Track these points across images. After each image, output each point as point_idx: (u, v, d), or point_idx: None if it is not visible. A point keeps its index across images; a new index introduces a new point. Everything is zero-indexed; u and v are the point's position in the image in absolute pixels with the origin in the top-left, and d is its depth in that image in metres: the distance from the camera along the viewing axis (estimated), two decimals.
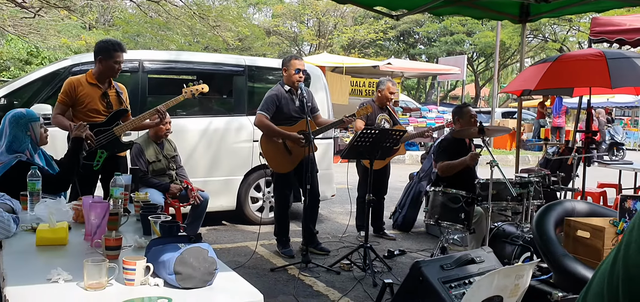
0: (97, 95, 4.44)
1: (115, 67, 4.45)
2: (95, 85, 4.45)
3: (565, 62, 4.98)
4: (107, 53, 4.40)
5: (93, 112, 4.39)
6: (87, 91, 4.41)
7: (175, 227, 2.42)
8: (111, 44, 4.47)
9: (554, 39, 27.40)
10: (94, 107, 4.41)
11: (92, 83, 4.44)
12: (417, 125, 14.69)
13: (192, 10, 12.64)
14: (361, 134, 4.75)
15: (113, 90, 4.56)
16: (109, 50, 4.40)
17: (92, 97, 4.41)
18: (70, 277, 2.01)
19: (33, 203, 3.04)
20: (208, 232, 6.25)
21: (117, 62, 4.44)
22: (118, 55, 4.43)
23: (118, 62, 4.45)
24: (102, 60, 4.42)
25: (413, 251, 5.81)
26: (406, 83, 32.45)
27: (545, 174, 4.80)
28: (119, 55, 4.44)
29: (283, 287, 4.52)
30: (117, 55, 4.42)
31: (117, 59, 4.43)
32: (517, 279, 2.40)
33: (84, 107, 4.36)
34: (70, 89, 4.38)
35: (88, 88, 4.42)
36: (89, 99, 4.40)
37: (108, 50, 4.40)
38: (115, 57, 4.41)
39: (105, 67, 4.43)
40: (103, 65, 4.43)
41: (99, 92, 4.45)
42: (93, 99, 4.42)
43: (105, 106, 4.46)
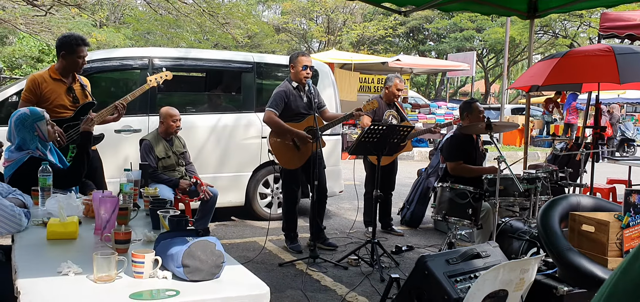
0: (62, 90, 4.37)
1: (79, 62, 4.39)
2: (59, 80, 4.38)
3: (573, 57, 4.95)
4: (69, 48, 4.34)
5: (59, 108, 4.31)
6: (51, 87, 4.33)
7: (183, 222, 2.44)
8: (74, 38, 4.39)
9: (565, 35, 27.20)
10: (60, 103, 4.33)
11: (56, 78, 4.37)
12: (426, 121, 14.66)
13: (201, 7, 12.68)
14: (368, 130, 4.76)
15: (77, 84, 4.49)
16: (71, 45, 4.34)
17: (58, 93, 4.34)
18: (80, 270, 2.04)
19: (44, 198, 3.07)
20: (217, 227, 6.30)
21: (80, 57, 4.38)
22: (81, 50, 4.37)
23: (81, 56, 4.38)
24: (65, 55, 4.35)
25: (421, 247, 5.81)
26: (415, 79, 32.38)
27: (553, 170, 4.79)
28: (82, 49, 4.38)
29: (291, 281, 4.55)
30: (80, 50, 4.36)
31: (80, 53, 4.37)
32: (522, 273, 2.41)
33: (49, 103, 4.27)
34: (34, 86, 4.30)
35: (52, 84, 4.35)
36: (55, 95, 4.33)
37: (71, 45, 4.34)
38: (78, 51, 4.36)
39: (69, 62, 4.38)
40: (66, 60, 4.37)
41: (64, 87, 4.38)
42: (59, 95, 4.34)
43: (71, 101, 4.39)
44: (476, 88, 37.20)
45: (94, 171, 4.42)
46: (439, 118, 15.07)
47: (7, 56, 22.08)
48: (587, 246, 2.32)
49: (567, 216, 2.41)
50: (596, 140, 5.59)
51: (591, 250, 2.29)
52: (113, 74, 6.18)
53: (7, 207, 2.55)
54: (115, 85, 6.33)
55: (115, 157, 5.66)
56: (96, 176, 4.40)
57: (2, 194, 2.82)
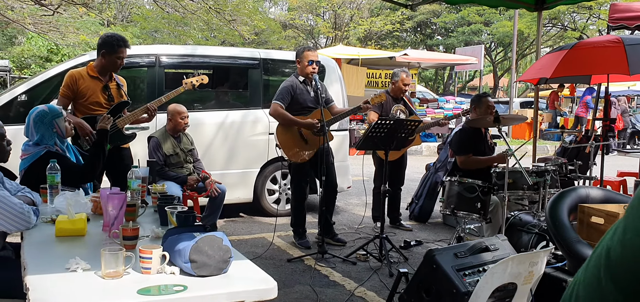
0: (99, 88, 4.44)
1: (118, 63, 4.46)
2: (97, 78, 4.44)
3: (582, 49, 4.91)
4: (111, 48, 4.40)
5: (95, 105, 4.39)
6: (88, 84, 4.40)
7: (191, 217, 2.45)
8: (116, 39, 4.45)
9: (573, 28, 27.00)
10: (96, 100, 4.41)
11: (93, 76, 4.44)
12: (435, 116, 14.60)
13: (208, 5, 12.70)
14: (376, 124, 4.75)
15: (114, 83, 4.56)
16: (113, 45, 4.40)
17: (94, 90, 4.41)
18: (89, 267, 2.05)
19: (53, 195, 3.09)
20: (226, 224, 6.32)
21: (120, 58, 4.44)
22: (122, 51, 4.43)
23: (121, 57, 4.45)
24: (106, 55, 4.42)
25: (429, 242, 5.80)
26: (424, 74, 32.27)
27: (562, 163, 4.76)
28: (123, 50, 4.44)
29: (299, 277, 4.56)
30: (121, 51, 4.42)
31: (121, 54, 4.43)
32: (531, 266, 2.40)
33: (85, 100, 4.36)
34: (72, 82, 4.37)
35: (89, 81, 4.41)
36: (91, 91, 4.40)
37: (112, 45, 4.40)
38: (118, 52, 4.42)
39: (108, 62, 4.44)
40: (106, 59, 4.43)
41: (100, 84, 4.45)
42: (95, 92, 4.41)
43: (106, 99, 4.46)
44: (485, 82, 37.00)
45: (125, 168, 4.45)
46: (447, 112, 15.00)
47: (16, 56, 22.23)
48: (597, 238, 2.30)
49: (576, 208, 2.39)
50: (606, 132, 5.55)
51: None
52: (121, 71, 6.19)
53: (15, 205, 2.56)
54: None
55: None
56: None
57: (11, 191, 2.83)
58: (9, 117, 5.41)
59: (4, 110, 5.50)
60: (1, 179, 2.83)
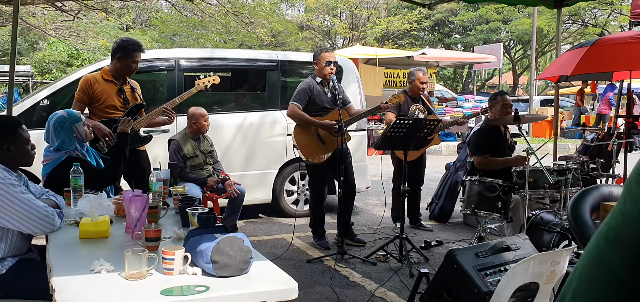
0: (114, 91, 4.48)
1: (133, 67, 4.50)
2: (111, 81, 4.49)
3: (603, 45, 4.85)
4: (126, 52, 4.45)
5: (110, 109, 4.43)
6: (103, 88, 4.45)
7: (212, 218, 2.47)
8: (131, 43, 4.50)
9: (594, 24, 26.65)
10: (111, 104, 4.46)
11: (107, 80, 4.48)
12: (454, 115, 14.52)
13: (225, 8, 12.79)
14: (394, 124, 4.73)
15: (128, 86, 4.60)
16: (128, 49, 4.45)
17: (109, 94, 4.46)
18: (112, 268, 2.09)
19: (76, 198, 3.14)
20: (245, 225, 6.35)
21: (135, 62, 4.49)
22: (137, 55, 4.48)
23: (136, 61, 4.49)
24: (121, 59, 4.46)
25: (450, 242, 5.77)
26: (442, 73, 32.10)
27: (583, 161, 4.71)
28: (138, 55, 4.49)
29: (319, 278, 4.56)
30: (136, 55, 4.47)
31: (136, 58, 4.48)
32: (554, 265, 2.38)
33: (101, 103, 4.41)
34: (87, 87, 4.42)
35: (104, 85, 4.46)
36: (106, 95, 4.44)
37: (127, 49, 4.45)
38: (134, 56, 4.46)
39: (123, 66, 4.48)
40: (121, 63, 4.47)
41: (115, 88, 4.50)
42: (110, 96, 4.46)
43: (121, 102, 4.51)
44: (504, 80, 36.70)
45: (142, 171, 4.51)
46: (466, 111, 14.90)
47: (37, 61, 22.61)
48: None
49: (598, 206, 2.36)
50: (629, 129, 5.46)
51: None
52: (141, 75, 6.25)
53: (40, 208, 2.61)
54: (143, 86, 6.40)
55: None
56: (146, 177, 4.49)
57: (36, 195, 2.88)
58: (32, 121, 5.50)
59: (27, 115, 5.58)
60: (26, 182, 2.88)
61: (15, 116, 3.94)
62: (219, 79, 4.98)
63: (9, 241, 2.66)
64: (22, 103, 5.83)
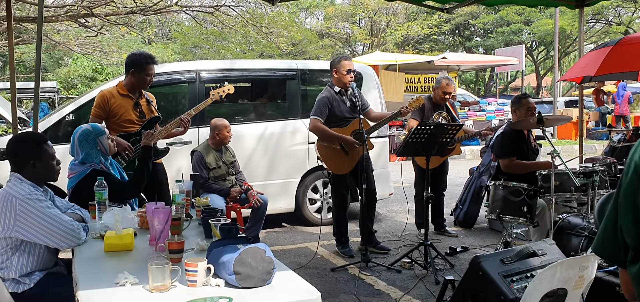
0: (130, 105, 4.52)
1: (147, 79, 4.54)
2: (127, 96, 4.53)
3: (627, 45, 4.75)
4: (139, 66, 4.48)
5: (127, 123, 4.47)
6: (119, 102, 4.49)
7: (234, 229, 2.48)
8: (144, 57, 4.54)
9: (619, 22, 26.21)
10: (128, 118, 4.49)
11: (123, 94, 4.52)
12: (477, 119, 14.39)
13: (245, 19, 12.89)
14: (416, 130, 4.70)
15: (144, 100, 4.63)
16: (141, 63, 4.48)
17: (125, 108, 4.49)
18: (137, 281, 2.10)
19: (101, 212, 3.18)
20: (268, 234, 6.36)
21: (149, 75, 4.52)
22: (150, 68, 4.51)
23: (150, 74, 4.53)
24: (135, 73, 4.50)
25: (476, 247, 5.70)
26: (464, 77, 31.86)
27: (611, 163, 4.62)
28: (151, 67, 4.52)
29: (344, 286, 4.54)
30: (149, 68, 4.50)
31: (149, 71, 4.51)
32: (581, 270, 2.33)
33: (117, 118, 4.44)
34: (103, 102, 4.46)
35: (120, 99, 4.50)
36: (122, 110, 4.48)
37: (141, 63, 4.48)
38: (147, 69, 4.50)
39: (138, 80, 4.52)
40: (135, 77, 4.51)
41: (131, 102, 4.53)
42: (126, 110, 4.49)
43: (138, 116, 4.54)
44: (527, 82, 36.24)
45: (159, 184, 4.55)
46: (489, 115, 14.77)
47: (63, 77, 23.06)
48: None
49: None
50: None
51: None
52: (163, 88, 6.34)
53: (66, 222, 2.65)
54: (165, 99, 6.49)
55: (169, 169, 5.74)
56: (162, 189, 4.54)
57: (61, 209, 2.93)
58: (58, 136, 5.60)
59: (54, 130, 5.69)
60: (52, 197, 2.92)
61: (40, 133, 4.00)
62: (233, 89, 4.99)
63: (36, 255, 2.71)
64: (48, 118, 5.94)
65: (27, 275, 2.69)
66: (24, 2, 10.73)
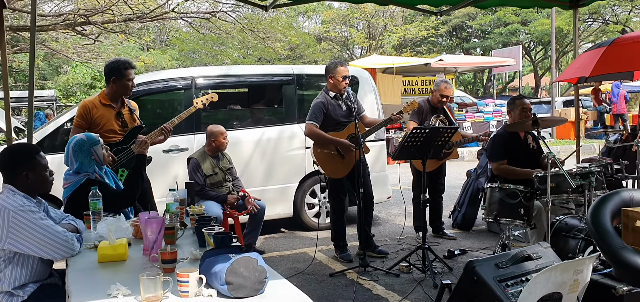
0: (112, 115, 4.48)
1: (129, 85, 4.51)
2: (109, 105, 4.49)
3: (621, 45, 4.75)
4: (119, 73, 4.45)
5: (109, 133, 4.41)
6: (102, 112, 4.45)
7: (227, 238, 2.47)
8: (121, 63, 4.51)
9: (615, 21, 26.23)
10: (110, 128, 4.44)
11: (105, 104, 4.49)
12: (474, 120, 14.38)
13: (242, 24, 12.90)
14: (412, 133, 4.70)
15: (126, 109, 4.60)
16: (120, 69, 4.45)
17: (107, 118, 4.46)
18: (129, 292, 2.09)
19: (95, 222, 3.16)
20: (266, 240, 6.35)
21: (129, 80, 4.49)
22: (129, 74, 4.48)
23: (130, 80, 4.50)
24: (116, 81, 4.47)
25: (474, 250, 5.69)
26: (462, 78, 31.87)
27: (607, 163, 4.60)
28: (131, 73, 4.49)
29: (342, 292, 4.53)
30: (129, 74, 4.47)
31: (129, 76, 4.48)
32: (576, 274, 2.32)
33: (100, 128, 4.38)
34: (85, 112, 4.43)
35: (102, 109, 4.46)
36: (105, 120, 4.44)
37: (119, 70, 4.45)
38: (127, 75, 4.46)
39: (119, 87, 4.49)
40: (117, 85, 4.48)
41: (113, 112, 4.50)
42: (108, 120, 4.46)
43: (120, 125, 4.51)
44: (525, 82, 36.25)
45: (143, 192, 4.53)
46: (487, 116, 14.75)
47: (62, 85, 23.08)
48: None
49: (619, 212, 2.30)
50: None
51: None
52: (159, 95, 6.33)
53: (60, 233, 2.64)
54: (161, 106, 6.49)
55: (165, 176, 5.78)
56: (145, 198, 4.51)
57: (55, 220, 2.92)
58: (55, 145, 5.59)
59: (51, 139, 5.68)
60: (46, 208, 2.92)
61: (33, 144, 3.99)
62: (217, 97, 4.97)
63: (30, 266, 2.70)
64: (44, 127, 5.93)
65: (21, 287, 2.68)
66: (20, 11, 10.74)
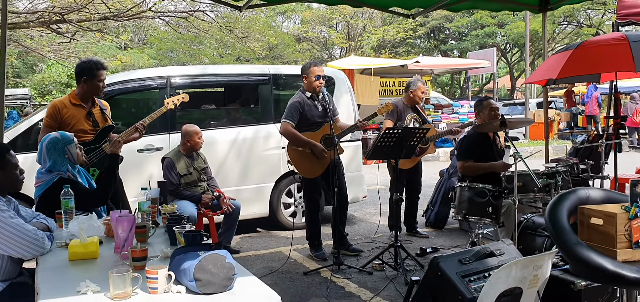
0: (82, 115, 4.45)
1: (100, 86, 4.48)
2: (79, 105, 4.47)
3: (587, 48, 4.89)
4: (90, 73, 4.43)
5: (80, 132, 4.36)
6: (72, 112, 4.42)
7: (198, 236, 2.51)
8: (93, 63, 4.49)
9: (589, 24, 26.74)
10: (80, 127, 4.41)
11: (76, 104, 4.46)
12: (450, 121, 14.56)
13: (219, 23, 12.88)
14: (384, 133, 4.78)
15: (97, 108, 4.58)
16: (92, 69, 4.43)
17: (78, 118, 4.43)
18: (98, 289, 2.12)
19: (67, 220, 3.17)
20: (243, 240, 6.37)
21: (101, 81, 4.47)
22: (101, 74, 4.46)
23: (102, 80, 4.48)
24: (87, 81, 4.44)
25: (446, 248, 5.79)
26: (439, 79, 32.18)
27: (573, 163, 4.74)
28: (102, 73, 4.47)
29: (316, 290, 4.59)
30: (100, 74, 4.45)
31: (100, 77, 4.46)
32: (536, 269, 2.40)
33: (70, 128, 4.33)
34: (55, 112, 4.40)
35: (73, 109, 4.44)
36: (75, 119, 4.41)
37: (91, 70, 4.43)
38: (98, 76, 4.44)
39: (90, 87, 4.46)
40: (88, 85, 4.45)
41: (84, 112, 4.47)
42: (79, 120, 4.43)
43: (91, 125, 4.48)
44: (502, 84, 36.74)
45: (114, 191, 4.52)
46: (462, 117, 14.94)
47: (37, 83, 22.76)
48: (597, 239, 2.30)
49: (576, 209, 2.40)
50: (617, 130, 5.50)
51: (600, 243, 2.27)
52: (133, 95, 6.32)
53: (30, 231, 2.65)
54: (135, 106, 6.47)
55: (140, 176, 5.77)
56: (117, 196, 4.51)
57: (26, 219, 2.92)
58: (28, 145, 5.55)
59: (24, 138, 5.63)
60: (16, 207, 2.92)
61: (3, 143, 3.96)
62: (188, 97, 4.97)
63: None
64: (17, 126, 5.89)
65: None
66: None
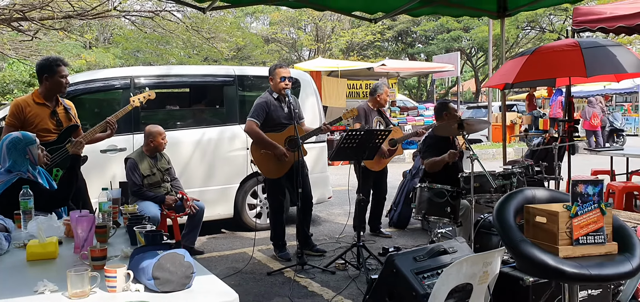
0: (46, 114, 4.39)
1: (62, 82, 4.42)
2: (43, 104, 4.41)
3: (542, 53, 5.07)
4: (50, 69, 4.37)
5: (43, 132, 4.31)
6: (35, 111, 4.36)
7: (157, 236, 2.53)
8: (52, 60, 4.44)
9: (551, 29, 27.44)
10: (44, 127, 4.35)
11: (39, 103, 4.40)
12: (415, 123, 14.79)
13: (185, 23, 12.80)
14: (347, 135, 4.86)
15: (61, 108, 4.52)
16: (52, 66, 4.38)
17: (41, 117, 4.37)
18: (56, 288, 2.13)
19: (26, 221, 3.15)
20: (207, 241, 6.37)
21: (62, 77, 4.41)
22: (62, 70, 4.40)
23: (63, 76, 4.42)
24: (48, 78, 4.38)
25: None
26: (406, 82, 32.54)
27: (528, 165, 4.91)
28: (63, 69, 4.42)
29: (279, 289, 4.64)
30: (61, 70, 4.40)
31: (62, 73, 4.40)
32: (486, 266, 2.51)
33: (33, 127, 4.28)
34: (18, 111, 4.33)
35: (36, 108, 4.37)
36: (38, 119, 4.35)
37: (51, 67, 4.38)
38: (59, 72, 4.39)
39: (52, 84, 4.40)
40: (50, 82, 4.39)
41: (48, 111, 4.41)
42: (42, 119, 4.36)
43: (55, 124, 4.42)
44: (467, 87, 37.38)
45: (77, 191, 4.49)
46: (427, 119, 15.21)
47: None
48: (541, 237, 2.42)
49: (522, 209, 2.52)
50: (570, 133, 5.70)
51: (544, 240, 2.39)
52: (97, 95, 6.26)
53: None
54: (99, 106, 6.41)
55: (102, 176, 5.71)
56: (80, 196, 4.47)
57: None
58: None
59: None
60: None
61: None
62: (154, 95, 4.93)
63: None
64: None
65: None
66: None
